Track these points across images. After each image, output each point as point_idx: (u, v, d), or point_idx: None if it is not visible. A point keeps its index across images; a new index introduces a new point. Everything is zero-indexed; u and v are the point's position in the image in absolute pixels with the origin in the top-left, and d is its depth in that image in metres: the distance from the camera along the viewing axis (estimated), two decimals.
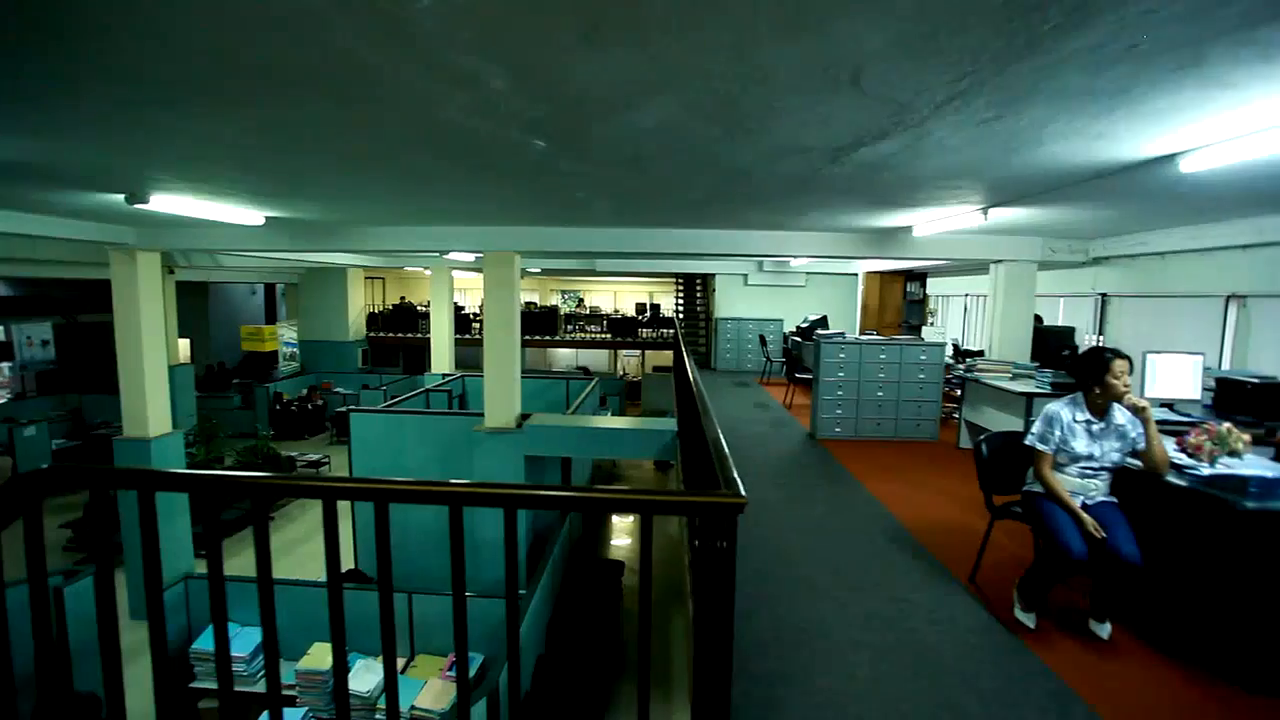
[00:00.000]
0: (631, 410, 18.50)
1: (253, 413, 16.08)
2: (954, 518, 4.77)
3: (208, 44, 1.98)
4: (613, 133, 2.88)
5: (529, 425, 6.99)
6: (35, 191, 4.81)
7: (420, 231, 7.12)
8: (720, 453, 2.03)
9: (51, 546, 9.76)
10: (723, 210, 5.49)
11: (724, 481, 1.79)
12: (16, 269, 11.80)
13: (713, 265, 13.33)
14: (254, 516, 1.78)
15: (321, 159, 3.63)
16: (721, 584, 1.70)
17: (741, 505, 1.65)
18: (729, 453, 2.08)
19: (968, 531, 4.46)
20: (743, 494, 1.67)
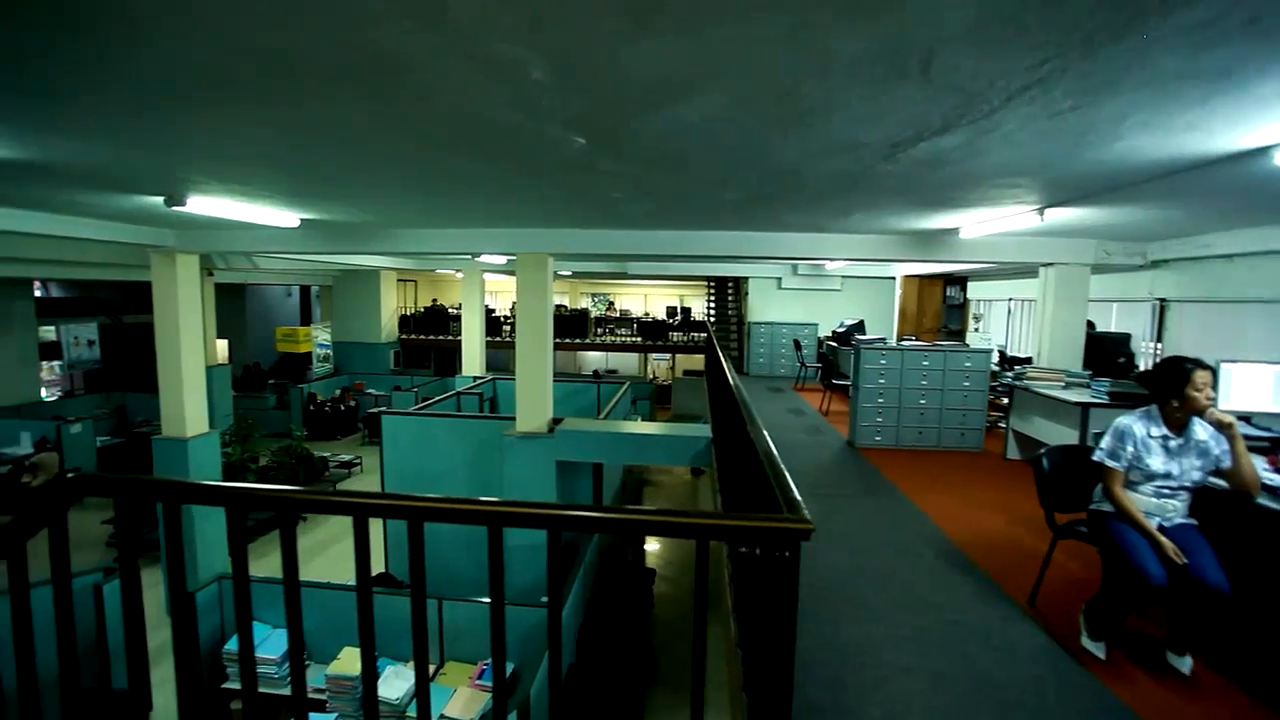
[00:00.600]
0: (661, 414, 18.37)
1: (287, 413, 16.31)
2: (1007, 533, 4.53)
3: (239, 37, 1.90)
4: (656, 129, 2.75)
5: (560, 430, 6.89)
6: (79, 194, 4.86)
7: (453, 234, 7.08)
8: (777, 470, 1.88)
9: (95, 541, 9.97)
10: (763, 212, 5.32)
11: (785, 503, 1.64)
12: (67, 271, 12.14)
13: (746, 268, 13.12)
14: (282, 531, 1.69)
15: (355, 159, 3.56)
16: (783, 618, 1.55)
17: (807, 531, 1.50)
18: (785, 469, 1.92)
19: (1022, 549, 4.22)
20: (808, 518, 1.52)
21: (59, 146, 3.37)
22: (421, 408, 8.82)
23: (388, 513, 1.54)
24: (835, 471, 6.24)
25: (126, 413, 14.37)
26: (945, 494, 5.43)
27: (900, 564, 4.05)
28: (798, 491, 1.73)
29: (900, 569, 3.97)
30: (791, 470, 1.99)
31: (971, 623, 3.30)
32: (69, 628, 1.86)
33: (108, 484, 1.72)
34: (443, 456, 7.74)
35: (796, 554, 1.56)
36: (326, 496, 1.59)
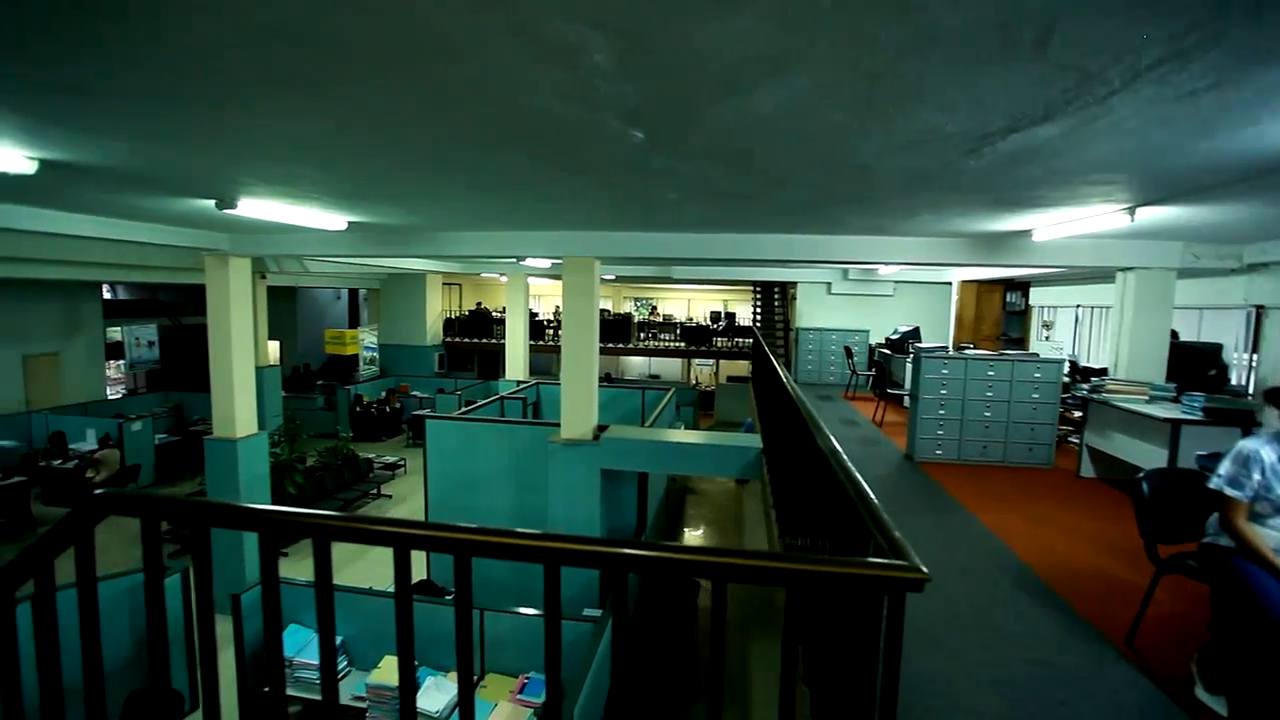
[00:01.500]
0: (704, 420, 18.09)
1: (334, 414, 16.57)
2: (1090, 562, 4.16)
3: (284, 23, 1.76)
4: (723, 121, 2.54)
5: (606, 438, 6.71)
6: (138, 197, 4.91)
7: (499, 236, 6.99)
8: (869, 505, 1.64)
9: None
10: (822, 213, 5.06)
11: (887, 546, 1.40)
12: (131, 274, 12.56)
13: (796, 273, 12.77)
14: (316, 558, 1.53)
15: (401, 157, 3.45)
16: (885, 678, 1.32)
17: (919, 582, 1.27)
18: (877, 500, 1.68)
19: (1110, 580, 3.85)
20: (920, 566, 1.29)
21: (113, 148, 3.36)
22: (465, 412, 8.76)
23: (433, 545, 1.36)
24: (894, 486, 5.90)
25: (183, 411, 14.79)
26: (1015, 514, 5.06)
27: (972, 591, 3.73)
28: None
29: (972, 597, 3.66)
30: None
31: (1061, 663, 2.99)
32: (94, 642, 1.75)
33: (133, 503, 1.59)
34: (486, 462, 7.65)
35: (901, 605, 1.33)
36: (366, 525, 1.43)
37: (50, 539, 1.71)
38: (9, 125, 2.94)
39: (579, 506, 6.82)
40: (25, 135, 3.11)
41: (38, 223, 5.65)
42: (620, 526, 8.03)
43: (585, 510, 6.81)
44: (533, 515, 7.48)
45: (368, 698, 5.32)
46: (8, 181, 4.24)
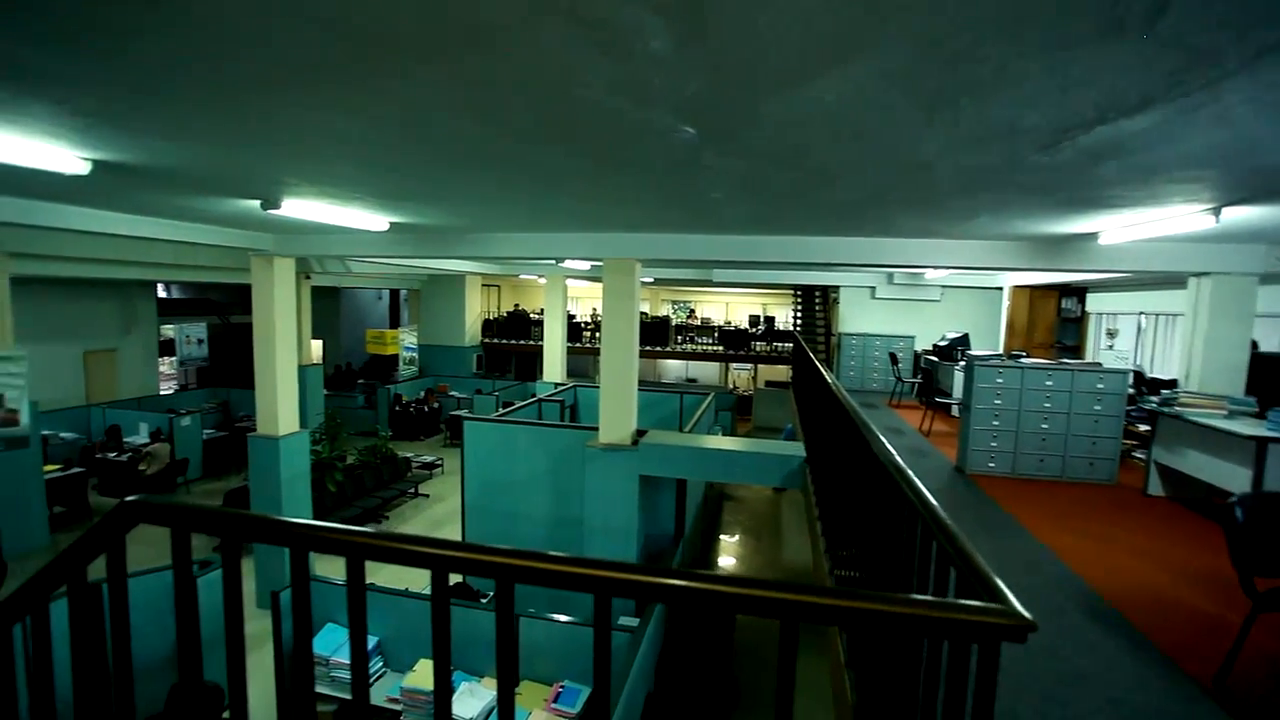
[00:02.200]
0: (742, 425, 17.85)
1: (374, 412, 16.80)
2: (1168, 590, 3.86)
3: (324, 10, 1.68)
4: (781, 114, 2.39)
5: (644, 443, 6.59)
6: (186, 198, 4.97)
7: (539, 238, 6.93)
8: (950, 535, 1.47)
9: None
10: (873, 214, 4.85)
11: (982, 587, 1.24)
12: (183, 274, 12.93)
13: (839, 276, 12.47)
14: (350, 577, 1.43)
15: (442, 155, 3.38)
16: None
17: (1021, 630, 1.10)
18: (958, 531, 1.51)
19: (1193, 613, 3.57)
20: (1023, 612, 1.12)
21: (161, 148, 3.36)
22: (503, 414, 8.73)
23: (473, 569, 1.25)
24: (946, 500, 5.60)
25: (230, 408, 15.15)
26: (1078, 534, 4.76)
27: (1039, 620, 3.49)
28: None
29: (1041, 627, 3.42)
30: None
31: (1144, 704, 2.74)
32: (124, 644, 1.70)
33: (164, 512, 1.51)
34: (524, 465, 7.59)
35: (996, 657, 1.16)
36: (402, 545, 1.32)
37: (83, 545, 1.65)
38: (61, 125, 2.95)
39: (616, 512, 6.70)
40: (77, 135, 3.12)
41: (96, 224, 5.80)
42: (658, 533, 7.90)
43: (623, 516, 6.69)
44: (569, 520, 7.39)
45: (402, 701, 5.28)
46: (65, 182, 4.32)
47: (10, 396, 7.05)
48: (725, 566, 10.44)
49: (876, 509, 2.86)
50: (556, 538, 7.63)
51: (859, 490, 3.37)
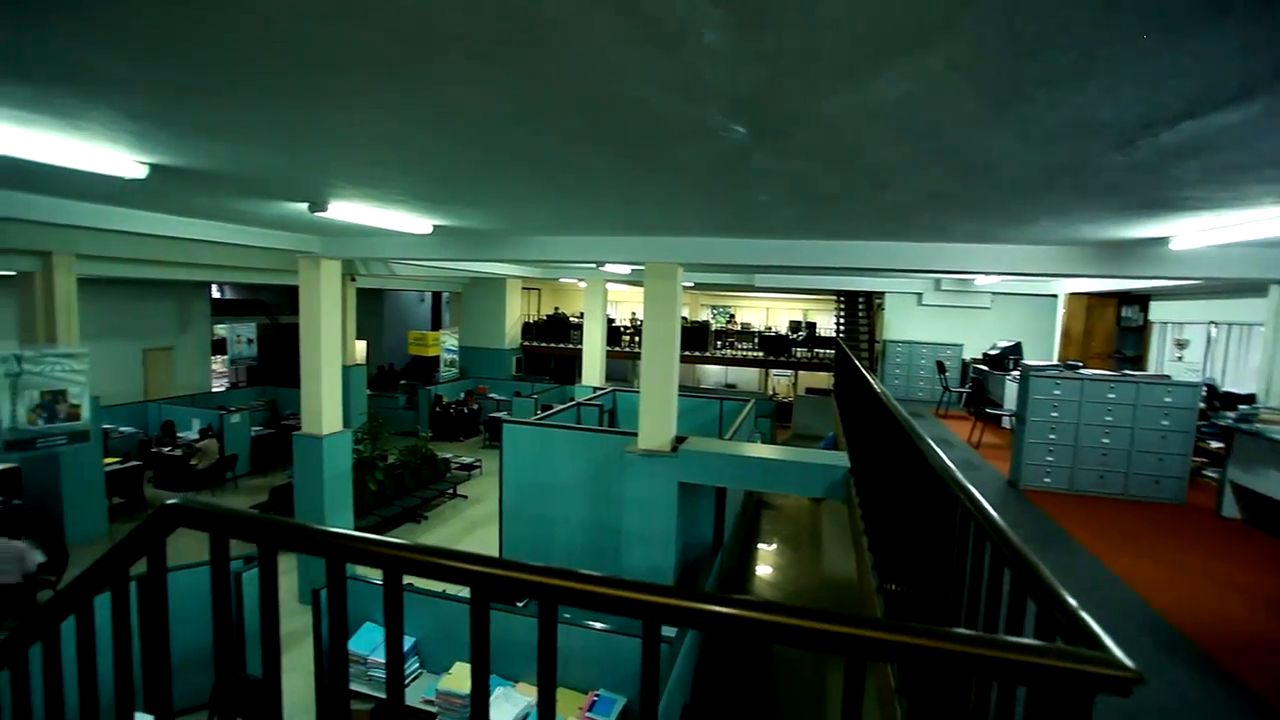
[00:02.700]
0: (781, 432, 17.58)
1: (415, 413, 17.05)
2: (1256, 623, 3.59)
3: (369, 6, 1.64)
4: (838, 111, 2.28)
5: (684, 450, 6.48)
6: (238, 201, 5.08)
7: (581, 242, 6.89)
8: (1032, 568, 1.34)
9: None
10: (926, 218, 4.67)
11: (1073, 628, 1.11)
12: (234, 275, 13.32)
13: (884, 282, 12.18)
14: (387, 591, 1.37)
15: (485, 156, 3.35)
16: None
17: (1125, 682, 0.97)
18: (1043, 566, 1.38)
19: (1277, 644, 3.31)
20: (1126, 661, 0.99)
21: (213, 151, 3.42)
22: (542, 417, 8.72)
23: (516, 589, 1.18)
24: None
25: (277, 406, 15.54)
26: (1146, 557, 4.49)
27: None
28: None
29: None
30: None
31: None
32: (163, 644, 1.68)
33: (203, 517, 1.48)
34: (562, 469, 7.56)
35: (1088, 708, 1.04)
36: (442, 560, 1.26)
37: (124, 547, 1.64)
38: (119, 129, 3.00)
39: (655, 519, 6.61)
40: (134, 139, 3.18)
41: (155, 226, 5.98)
42: (696, 541, 7.78)
43: (661, 523, 6.59)
44: (607, 526, 7.33)
45: (437, 703, 5.27)
46: (125, 186, 4.45)
47: (73, 392, 7.32)
48: (763, 575, 10.25)
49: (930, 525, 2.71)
50: (594, 543, 7.57)
51: (910, 505, 3.22)
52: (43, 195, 5.18)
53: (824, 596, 9.85)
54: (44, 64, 2.19)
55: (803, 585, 10.16)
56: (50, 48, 2.05)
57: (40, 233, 7.92)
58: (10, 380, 6.80)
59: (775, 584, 9.97)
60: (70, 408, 7.31)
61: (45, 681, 1.90)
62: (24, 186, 4.89)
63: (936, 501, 2.71)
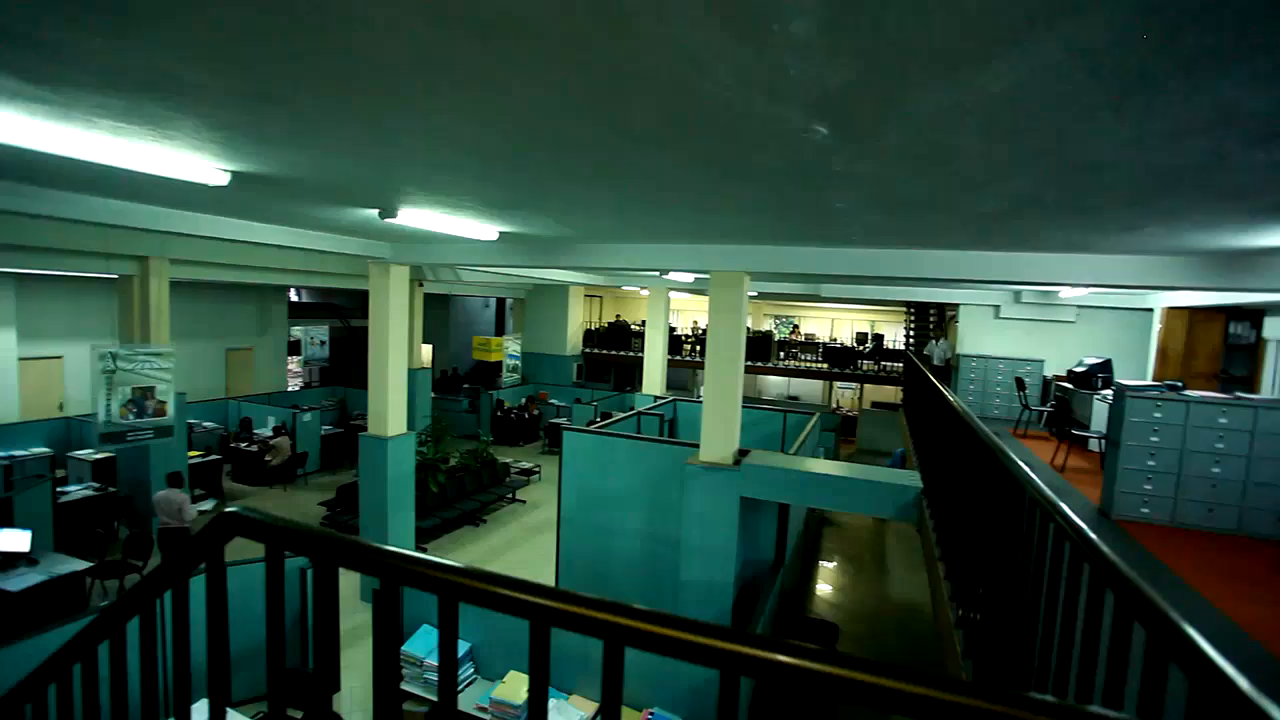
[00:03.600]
0: (845, 447, 17.06)
1: (477, 416, 17.34)
2: None
3: (448, 4, 1.57)
4: (931, 108, 2.10)
5: (747, 464, 6.28)
6: (313, 207, 5.21)
7: (645, 249, 6.81)
8: (1181, 636, 1.14)
9: (309, 520, 11.07)
10: (1014, 226, 4.36)
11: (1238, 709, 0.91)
12: (310, 279, 13.87)
13: (959, 294, 11.64)
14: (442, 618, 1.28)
15: (554, 161, 3.29)
16: None
17: None
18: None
19: None
20: None
21: (290, 159, 3.49)
22: (602, 426, 8.67)
23: (580, 625, 1.07)
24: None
25: (346, 406, 16.08)
26: (1269, 603, 4.03)
27: None
28: None
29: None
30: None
31: None
32: (223, 653, 1.64)
33: (261, 528, 1.43)
34: (621, 478, 7.47)
35: None
36: (504, 590, 1.15)
37: (184, 555, 1.62)
38: (203, 138, 3.09)
39: (715, 534, 6.43)
40: (217, 147, 3.27)
41: (238, 232, 6.25)
42: (756, 559, 7.54)
43: (721, 538, 6.41)
44: (665, 539, 7.19)
45: (490, 711, 5.23)
46: (210, 194, 4.63)
47: (160, 389, 7.71)
48: (825, 595, 9.89)
49: (1019, 553, 2.47)
50: (651, 555, 7.44)
51: (996, 531, 2.96)
52: (141, 203, 5.46)
53: (889, 622, 9.43)
54: (135, 74, 2.25)
55: (866, 608, 9.75)
56: (140, 59, 2.09)
57: (139, 238, 8.41)
58: (106, 377, 7.21)
59: (837, 605, 9.60)
60: (157, 404, 7.70)
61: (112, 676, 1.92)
62: (126, 195, 5.16)
63: (1026, 527, 2.47)
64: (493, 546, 10.65)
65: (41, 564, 7.09)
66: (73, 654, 2.02)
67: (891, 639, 8.82)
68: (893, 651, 8.48)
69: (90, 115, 2.79)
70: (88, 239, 7.74)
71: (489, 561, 9.96)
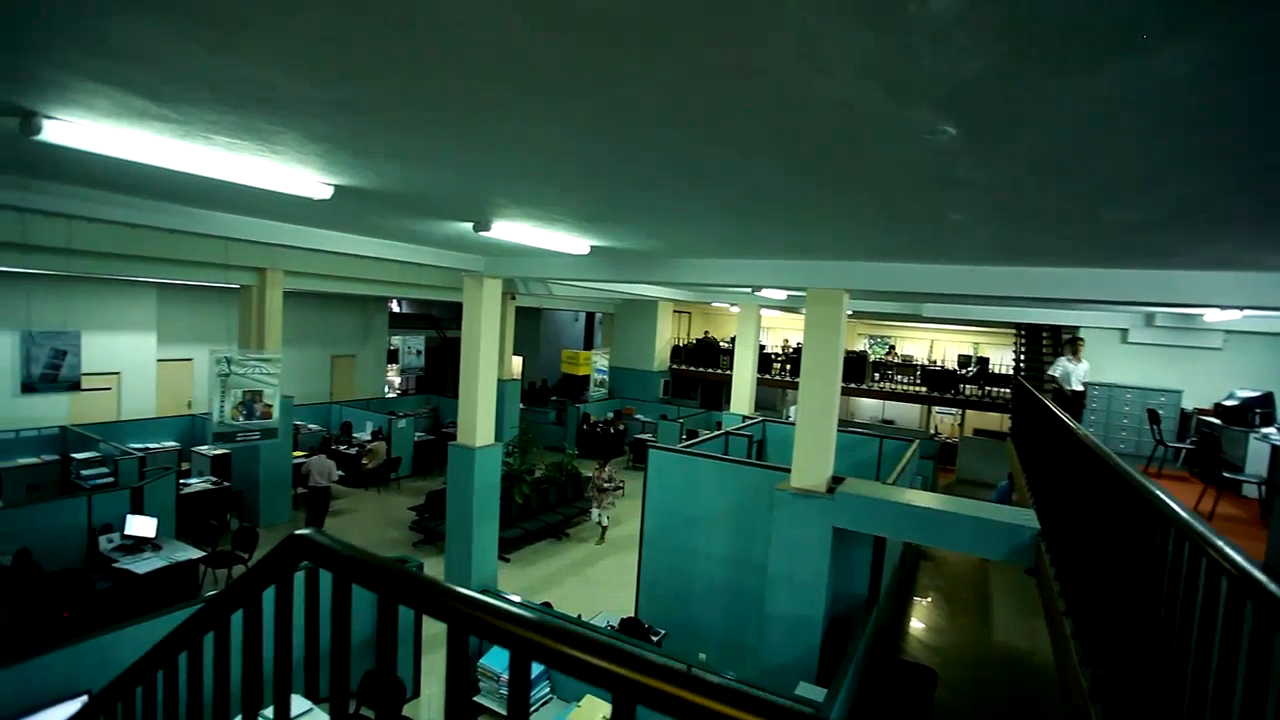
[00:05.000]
0: (943, 476, 16.05)
1: (563, 429, 17.51)
2: None
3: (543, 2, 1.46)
4: (1092, 96, 1.80)
5: (841, 492, 5.91)
6: (410, 220, 5.35)
7: (738, 265, 6.59)
8: None
9: (398, 522, 11.43)
10: (1157, 241, 3.85)
11: None
12: (409, 291, 14.48)
13: (1079, 315, 10.68)
14: (514, 674, 1.13)
15: (646, 170, 3.16)
16: None
17: None
18: None
19: None
20: None
21: (387, 171, 3.54)
22: (689, 444, 8.46)
23: (674, 708, 0.88)
24: None
25: (439, 414, 16.63)
26: None
27: None
28: None
29: None
30: None
31: None
32: (286, 667, 1.57)
33: (329, 555, 1.34)
34: (707, 500, 7.24)
35: None
36: (584, 655, 0.99)
37: (254, 576, 1.56)
38: (307, 151, 3.16)
39: (804, 565, 6.08)
40: (319, 160, 3.35)
41: (343, 245, 6.53)
42: (847, 592, 7.08)
43: (811, 570, 6.05)
44: (751, 565, 6.89)
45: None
46: (315, 208, 4.80)
47: (268, 393, 8.16)
48: (920, 636, 9.21)
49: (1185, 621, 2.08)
50: (735, 582, 7.15)
51: (1150, 592, 2.53)
52: (259, 218, 5.79)
53: (995, 670, 8.66)
54: (238, 87, 2.29)
55: (966, 653, 9.00)
56: (241, 71, 2.12)
57: (257, 251, 9.01)
58: (220, 380, 7.71)
59: (935, 648, 8.91)
60: (264, 406, 8.15)
61: (188, 687, 1.91)
62: (245, 210, 5.49)
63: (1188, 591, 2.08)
64: (574, 561, 10.61)
65: (164, 549, 7.62)
66: (180, 640, 2.00)
67: (997, 689, 8.10)
68: (1000, 705, 7.76)
69: (206, 132, 2.90)
70: (212, 251, 8.35)
71: (569, 577, 9.93)
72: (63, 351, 8.45)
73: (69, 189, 4.68)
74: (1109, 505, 3.33)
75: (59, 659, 4.43)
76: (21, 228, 6.81)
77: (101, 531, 7.65)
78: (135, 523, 7.64)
